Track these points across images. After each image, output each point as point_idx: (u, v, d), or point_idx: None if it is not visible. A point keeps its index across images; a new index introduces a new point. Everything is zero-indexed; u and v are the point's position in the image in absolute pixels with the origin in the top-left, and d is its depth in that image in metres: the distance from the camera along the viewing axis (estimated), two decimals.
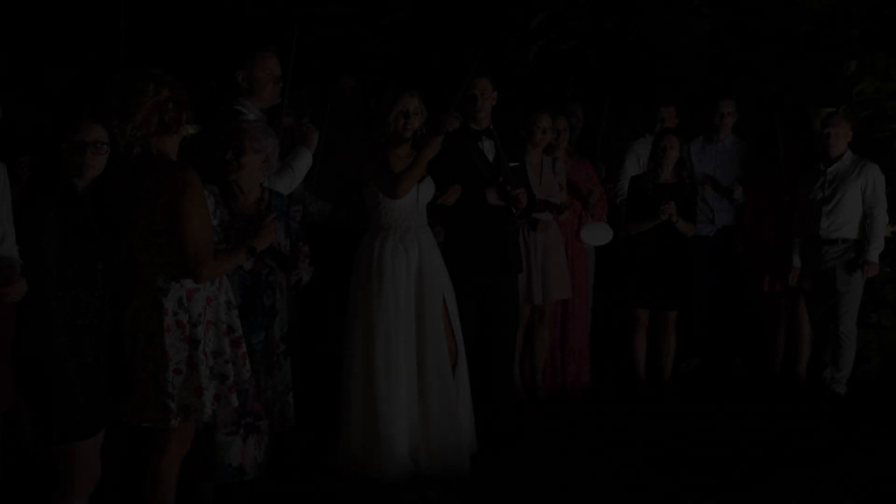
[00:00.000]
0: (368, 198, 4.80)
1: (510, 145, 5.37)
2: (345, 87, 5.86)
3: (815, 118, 6.63)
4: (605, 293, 6.83)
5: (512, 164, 5.25)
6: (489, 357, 5.28)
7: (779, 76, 7.34)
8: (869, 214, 5.97)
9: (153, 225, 3.40)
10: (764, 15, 7.31)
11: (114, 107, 3.38)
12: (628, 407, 6.11)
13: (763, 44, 7.38)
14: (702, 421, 5.81)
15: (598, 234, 6.30)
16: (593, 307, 6.69)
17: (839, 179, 6.04)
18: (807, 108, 7.35)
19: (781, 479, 4.75)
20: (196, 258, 3.37)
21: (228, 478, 4.03)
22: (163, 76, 3.42)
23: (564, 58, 7.59)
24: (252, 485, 4.23)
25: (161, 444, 3.57)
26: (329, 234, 5.47)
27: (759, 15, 7.32)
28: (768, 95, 7.46)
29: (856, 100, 6.64)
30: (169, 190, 3.35)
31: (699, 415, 5.95)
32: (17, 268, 3.14)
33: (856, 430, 5.57)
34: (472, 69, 4.83)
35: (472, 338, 5.16)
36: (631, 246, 6.41)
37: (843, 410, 5.92)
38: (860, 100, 6.63)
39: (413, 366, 4.75)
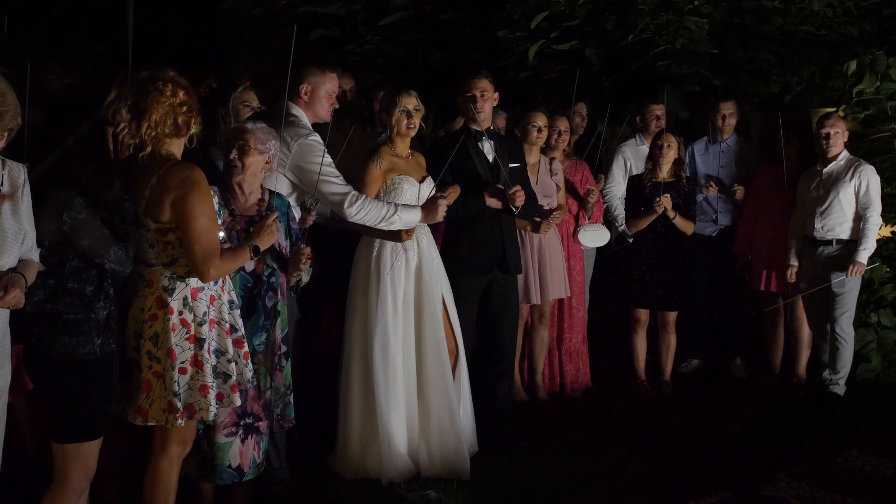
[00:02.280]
0: None
1: (510, 146, 5.37)
2: (345, 87, 5.87)
3: (814, 118, 6.63)
4: (605, 293, 6.83)
5: (512, 166, 5.25)
6: (489, 357, 5.28)
7: (779, 76, 7.34)
8: (862, 215, 5.96)
9: (159, 224, 3.42)
10: (764, 15, 7.31)
11: (129, 105, 3.44)
12: (628, 407, 6.11)
13: (763, 44, 7.38)
14: (702, 421, 5.81)
15: (595, 236, 6.31)
16: (593, 307, 6.69)
17: (833, 180, 6.03)
18: (807, 108, 7.35)
19: (781, 478, 4.75)
20: (203, 257, 3.41)
21: (227, 478, 4.03)
22: (178, 79, 3.46)
23: (564, 58, 7.59)
24: (254, 484, 4.23)
25: (162, 444, 3.58)
26: (329, 234, 5.46)
27: (759, 15, 7.32)
28: (768, 95, 7.47)
29: (856, 100, 6.63)
30: (176, 189, 3.38)
31: (699, 415, 5.95)
32: (20, 281, 3.10)
33: (856, 430, 5.56)
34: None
35: (473, 338, 5.16)
36: (631, 246, 6.42)
37: (842, 410, 5.92)
38: (860, 100, 6.63)
39: (412, 366, 4.76)
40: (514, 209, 5.16)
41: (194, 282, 3.49)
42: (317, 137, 4.44)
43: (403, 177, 4.81)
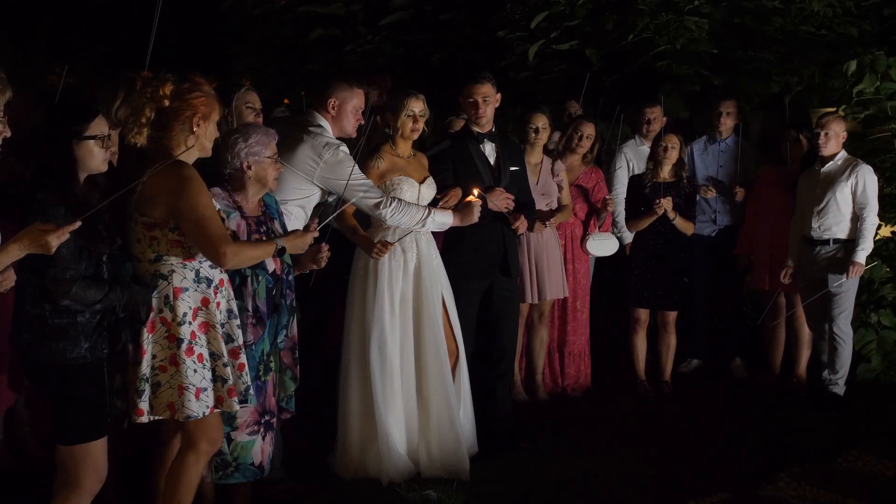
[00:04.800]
0: None
1: (511, 149, 5.38)
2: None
3: (814, 118, 6.63)
4: (605, 293, 6.82)
5: (512, 169, 5.26)
6: (489, 358, 5.27)
7: (779, 76, 7.35)
8: (859, 215, 5.96)
9: (146, 218, 3.45)
10: (764, 15, 7.31)
11: (115, 101, 3.50)
12: (628, 407, 6.11)
13: (763, 44, 7.38)
14: (702, 421, 5.82)
15: (603, 245, 6.29)
16: (593, 307, 6.68)
17: (830, 180, 6.03)
18: (807, 107, 7.35)
19: (781, 478, 4.74)
20: (215, 242, 3.45)
21: (250, 476, 4.06)
22: (167, 77, 3.48)
23: (564, 58, 7.59)
24: (253, 484, 4.23)
25: (190, 441, 3.59)
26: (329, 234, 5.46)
27: (759, 15, 7.32)
28: (768, 95, 7.47)
29: (856, 100, 6.63)
30: (169, 187, 3.41)
31: (699, 415, 5.95)
32: None
33: (856, 430, 5.56)
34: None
35: (473, 339, 5.16)
36: (631, 246, 6.42)
37: (842, 410, 5.92)
38: (860, 100, 6.63)
39: (411, 366, 4.77)
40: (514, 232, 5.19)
41: (178, 281, 3.50)
42: (345, 149, 4.53)
43: (403, 177, 4.81)
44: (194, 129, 3.53)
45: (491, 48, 7.89)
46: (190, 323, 3.50)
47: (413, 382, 4.78)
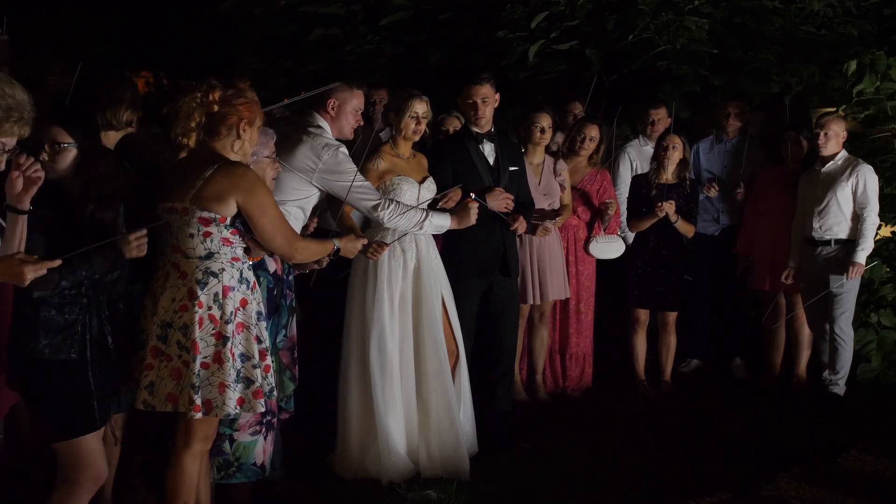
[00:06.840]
0: None
1: (509, 149, 5.38)
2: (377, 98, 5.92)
3: (814, 118, 6.63)
4: (606, 293, 6.83)
5: (511, 168, 5.26)
6: (489, 358, 5.27)
7: (779, 76, 7.34)
8: (859, 215, 5.96)
9: (206, 212, 3.49)
10: (764, 15, 7.31)
11: (121, 105, 3.77)
12: (628, 407, 6.11)
13: (763, 44, 7.38)
14: (702, 421, 5.82)
15: (608, 248, 6.27)
16: (595, 307, 6.68)
17: (830, 180, 6.03)
18: (807, 107, 7.35)
19: (781, 478, 4.75)
20: (289, 241, 3.67)
21: (252, 476, 4.08)
22: (215, 85, 3.57)
23: (564, 58, 7.58)
24: (253, 484, 4.24)
25: (186, 440, 3.61)
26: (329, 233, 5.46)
27: (759, 15, 7.31)
28: (768, 95, 7.47)
29: (856, 100, 6.63)
30: (240, 188, 3.51)
31: (699, 415, 5.95)
32: None
33: (856, 430, 5.57)
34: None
35: (473, 339, 5.16)
36: (631, 246, 6.41)
37: (842, 411, 5.92)
38: (860, 100, 6.63)
39: (410, 366, 4.77)
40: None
41: (227, 279, 3.54)
42: (345, 150, 4.55)
43: (403, 177, 4.82)
44: (241, 133, 3.61)
45: (491, 48, 7.88)
46: (233, 322, 3.54)
47: (413, 382, 4.78)
